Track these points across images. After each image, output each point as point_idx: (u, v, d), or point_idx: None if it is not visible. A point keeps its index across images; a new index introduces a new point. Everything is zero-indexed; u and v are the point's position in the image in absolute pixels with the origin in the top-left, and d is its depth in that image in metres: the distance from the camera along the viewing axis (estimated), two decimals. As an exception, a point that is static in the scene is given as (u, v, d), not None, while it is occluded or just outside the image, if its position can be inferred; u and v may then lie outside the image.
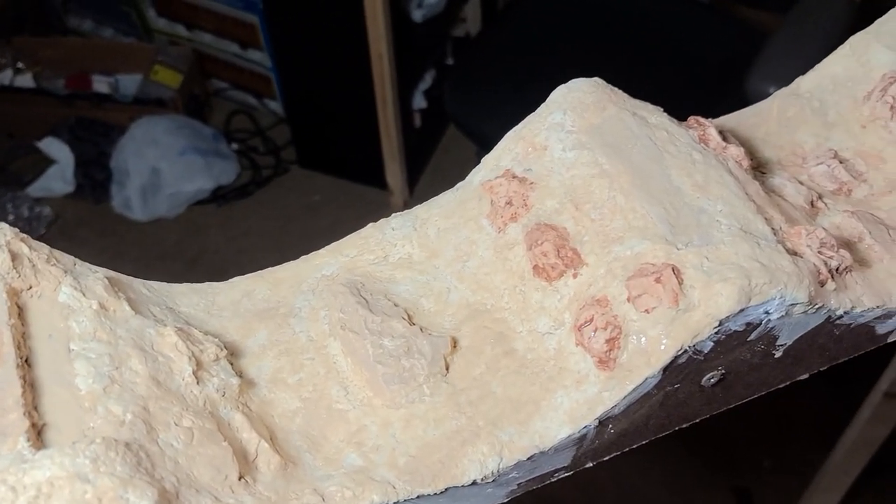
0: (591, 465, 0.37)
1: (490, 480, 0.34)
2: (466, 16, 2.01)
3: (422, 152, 2.05)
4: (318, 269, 0.40)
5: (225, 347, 0.35)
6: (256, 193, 2.07)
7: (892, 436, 1.15)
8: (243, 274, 0.40)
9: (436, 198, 0.41)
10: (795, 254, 0.35)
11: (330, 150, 2.04)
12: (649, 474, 1.57)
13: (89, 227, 2.00)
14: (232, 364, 0.35)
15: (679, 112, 0.43)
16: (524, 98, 0.42)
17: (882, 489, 1.52)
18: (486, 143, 0.39)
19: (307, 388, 0.36)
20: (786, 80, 0.47)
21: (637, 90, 0.41)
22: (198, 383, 0.33)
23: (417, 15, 1.81)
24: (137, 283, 0.38)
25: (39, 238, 0.37)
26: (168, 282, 0.39)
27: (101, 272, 0.36)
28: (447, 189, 0.41)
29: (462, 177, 0.41)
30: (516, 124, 0.40)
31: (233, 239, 1.99)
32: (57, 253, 0.35)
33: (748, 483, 1.57)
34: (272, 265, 0.40)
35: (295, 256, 0.40)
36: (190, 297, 0.39)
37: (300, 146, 2.08)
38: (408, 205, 1.88)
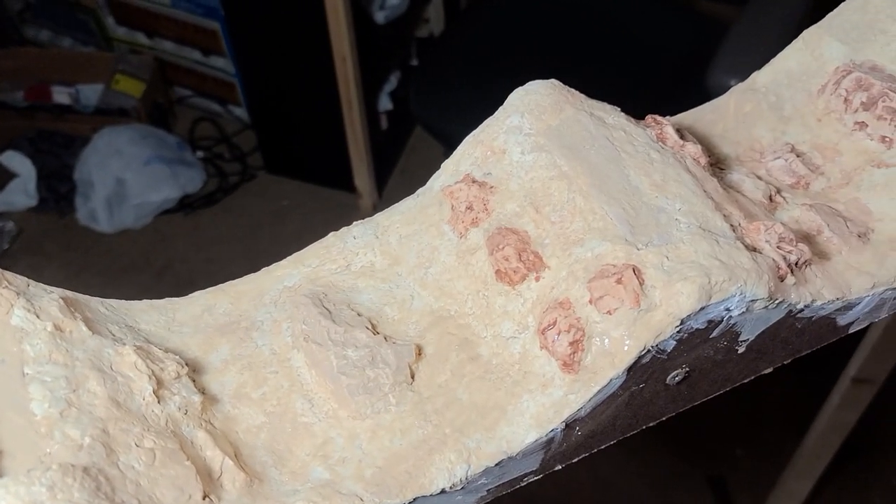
0: (560, 467, 0.37)
1: (459, 488, 0.34)
2: (430, 16, 2.01)
3: (389, 154, 2.05)
4: (280, 281, 0.39)
5: (186, 364, 0.35)
6: (224, 201, 2.06)
7: (861, 421, 1.17)
8: (213, 283, 0.40)
9: (397, 204, 0.41)
10: (755, 249, 0.36)
11: (297, 155, 2.03)
12: (625, 467, 1.58)
13: (54, 241, 1.97)
14: (194, 381, 0.35)
15: (642, 109, 0.43)
16: (489, 97, 0.42)
17: (854, 473, 1.54)
18: (452, 144, 0.39)
19: (271, 402, 0.36)
20: (747, 73, 0.48)
21: (599, 88, 0.41)
22: (159, 402, 0.33)
23: (380, 16, 1.80)
24: (95, 302, 0.37)
25: (3, 254, 0.36)
26: (136, 293, 0.39)
27: (57, 293, 0.35)
28: (416, 190, 0.41)
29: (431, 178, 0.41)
30: (480, 125, 0.40)
31: (201, 248, 1.97)
32: (9, 275, 0.34)
33: (722, 471, 1.58)
34: (241, 273, 0.40)
35: (265, 263, 0.40)
36: (149, 314, 0.38)
37: (266, 152, 2.06)
38: (377, 207, 1.87)
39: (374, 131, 1.89)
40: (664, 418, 0.39)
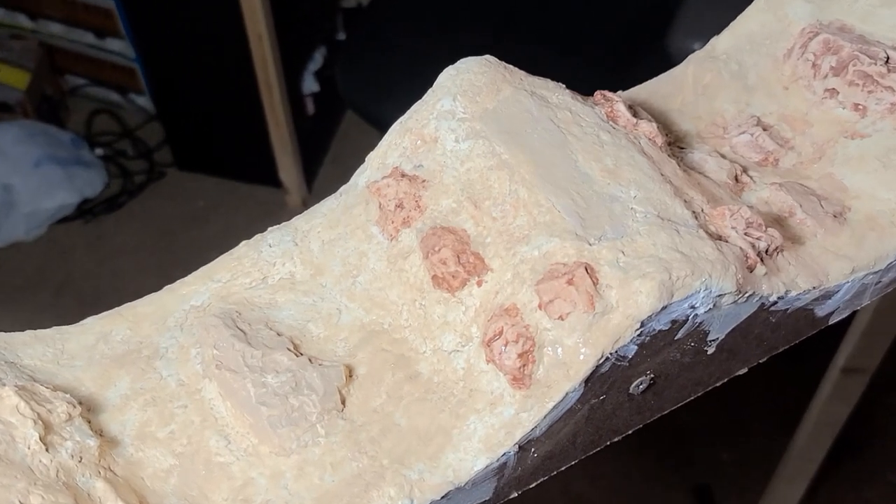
0: (516, 494, 0.37)
1: (402, 527, 0.33)
2: (356, -17, 2.00)
3: (318, 142, 2.03)
4: (186, 300, 0.39)
5: (79, 403, 0.34)
6: (129, 204, 2.02)
7: (853, 414, 1.20)
8: (120, 300, 0.39)
9: (317, 206, 0.41)
10: (720, 238, 0.36)
11: (212, 148, 2.00)
12: (599, 481, 1.59)
13: (-69, 260, 1.92)
14: (89, 422, 0.34)
15: (590, 85, 0.43)
16: (427, 74, 0.42)
17: (848, 475, 1.58)
18: (385, 127, 0.39)
19: (181, 442, 0.35)
20: (711, 35, 0.48)
21: (543, 64, 0.41)
22: (47, 450, 0.32)
23: (299, -14, 1.79)
24: (-34, 337, 0.36)
25: None
26: (31, 316, 0.38)
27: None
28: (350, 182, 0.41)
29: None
30: (409, 110, 0.40)
31: (105, 259, 1.94)
32: None
33: (707, 478, 1.61)
34: (154, 288, 0.39)
35: (181, 274, 0.40)
36: (34, 346, 0.37)
37: (176, 146, 2.03)
38: (307, 203, 1.86)
39: (300, 117, 1.88)
40: (630, 431, 0.39)
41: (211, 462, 0.35)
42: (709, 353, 0.38)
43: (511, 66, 0.40)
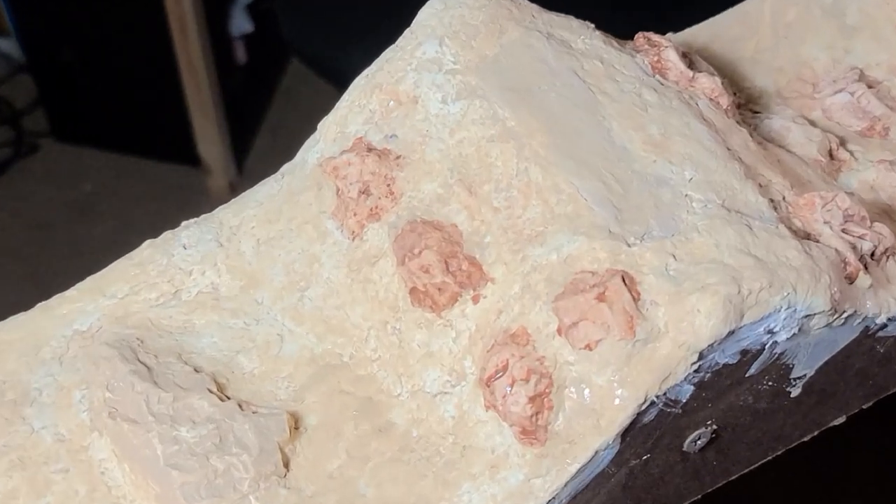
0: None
1: None
2: None
3: (252, 103, 2.02)
4: (68, 323, 0.39)
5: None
6: (-12, 188, 2.02)
7: None
8: None
9: (250, 192, 0.41)
10: (808, 236, 0.36)
11: (103, 112, 1.99)
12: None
13: None
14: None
15: (634, 25, 0.43)
16: (400, 10, 0.42)
17: None
18: (345, 82, 0.40)
19: (60, 520, 0.35)
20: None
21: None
22: None
23: None
24: None
25: None
26: None
27: None
28: (284, 165, 0.42)
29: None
30: (378, 58, 0.41)
31: (-46, 265, 1.93)
32: None
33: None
34: (24, 304, 0.40)
35: (62, 285, 0.40)
36: None
37: (53, 108, 2.02)
38: (236, 188, 1.85)
39: (227, 68, 1.87)
40: (686, 504, 0.40)
41: (102, 548, 0.35)
42: (793, 395, 0.38)
43: (520, -1, 0.41)
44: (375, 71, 0.40)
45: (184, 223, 0.40)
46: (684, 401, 0.34)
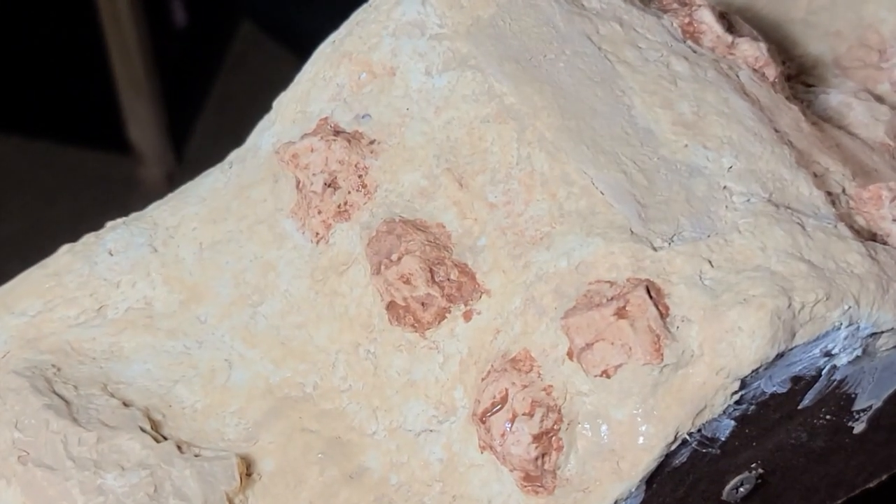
0: None
1: None
2: None
3: (193, 77, 2.02)
4: (-32, 347, 0.38)
5: None
6: None
7: None
8: None
9: (191, 184, 0.40)
10: (873, 237, 0.35)
11: (12, 90, 1.99)
12: None
13: None
14: None
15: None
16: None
17: None
18: (307, 50, 0.41)
19: (-42, 590, 0.35)
20: None
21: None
22: None
23: None
24: None
25: None
26: None
27: None
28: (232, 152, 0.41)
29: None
30: (346, 21, 0.40)
31: None
32: None
33: None
34: None
35: None
36: None
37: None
38: (174, 180, 1.84)
39: (163, 34, 1.86)
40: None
41: None
42: (856, 431, 0.37)
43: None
44: (344, 36, 0.39)
45: (109, 224, 0.40)
46: (723, 439, 0.34)
